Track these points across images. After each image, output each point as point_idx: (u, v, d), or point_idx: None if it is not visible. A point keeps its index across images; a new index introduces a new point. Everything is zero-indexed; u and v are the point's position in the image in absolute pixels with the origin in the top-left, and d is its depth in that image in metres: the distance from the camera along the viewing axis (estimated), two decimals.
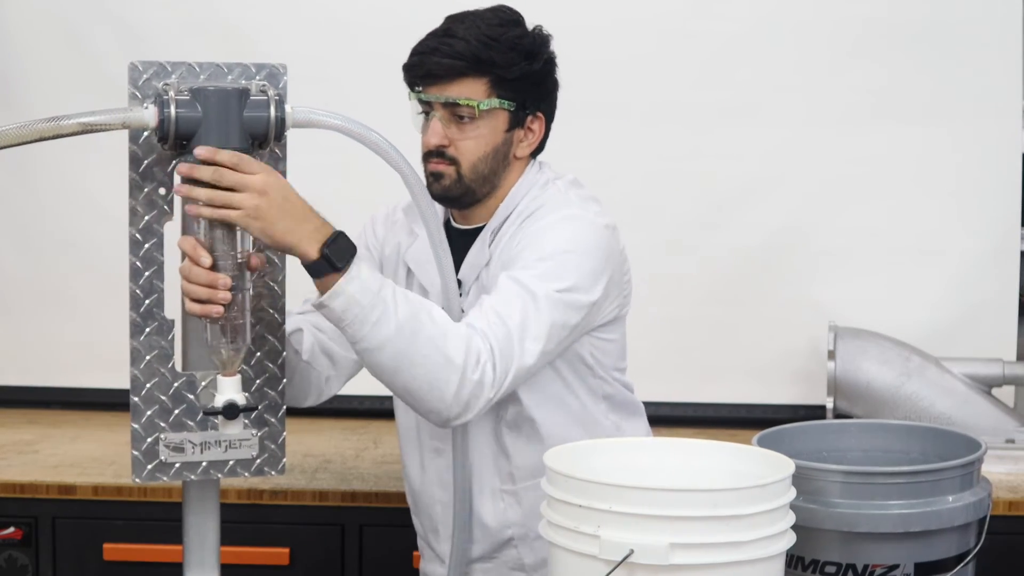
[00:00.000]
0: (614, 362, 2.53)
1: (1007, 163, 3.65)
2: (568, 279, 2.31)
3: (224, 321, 2.05)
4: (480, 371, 2.19)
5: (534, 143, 2.47)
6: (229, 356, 2.06)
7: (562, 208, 2.41)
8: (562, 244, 2.34)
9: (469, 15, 2.42)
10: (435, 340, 2.15)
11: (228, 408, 2.05)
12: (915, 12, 3.62)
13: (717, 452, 2.12)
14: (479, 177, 2.42)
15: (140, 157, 2.06)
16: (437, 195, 2.43)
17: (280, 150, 2.13)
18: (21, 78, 3.73)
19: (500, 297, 2.28)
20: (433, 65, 2.37)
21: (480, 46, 2.36)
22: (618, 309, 2.48)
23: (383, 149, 2.13)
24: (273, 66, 2.10)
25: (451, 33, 2.39)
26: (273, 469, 2.18)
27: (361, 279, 2.11)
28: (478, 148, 2.40)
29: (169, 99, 1.98)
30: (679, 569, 1.85)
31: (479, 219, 2.48)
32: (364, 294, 2.12)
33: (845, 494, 2.18)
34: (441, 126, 2.39)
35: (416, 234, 2.51)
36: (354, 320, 2.12)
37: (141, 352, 2.10)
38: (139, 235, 2.07)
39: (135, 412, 2.10)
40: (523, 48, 2.40)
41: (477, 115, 2.38)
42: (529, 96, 2.43)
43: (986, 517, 2.27)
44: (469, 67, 2.36)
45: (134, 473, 2.11)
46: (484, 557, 2.52)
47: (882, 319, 3.60)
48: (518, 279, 2.29)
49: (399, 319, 2.14)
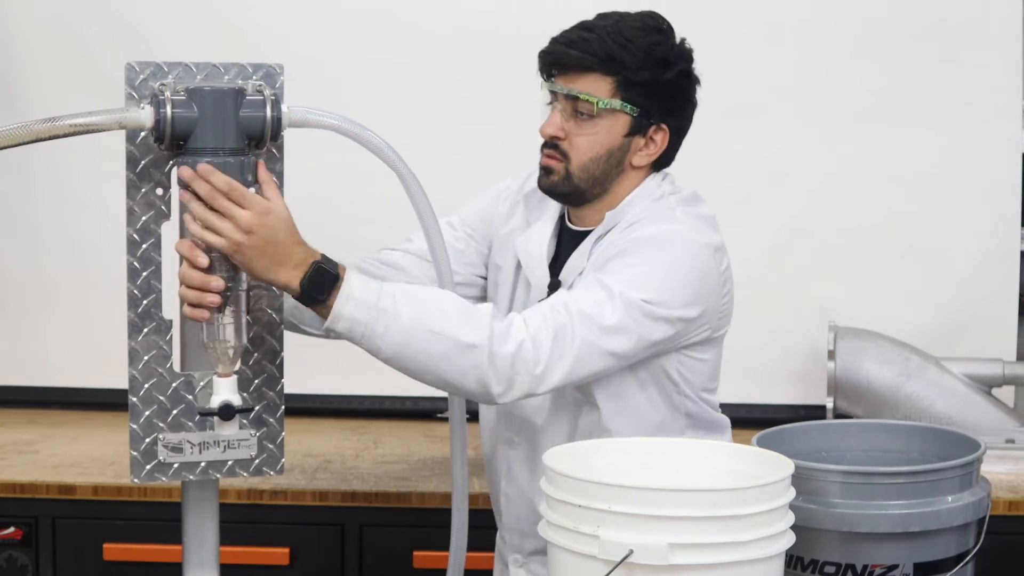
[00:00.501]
0: (703, 382, 2.48)
1: (1007, 163, 3.65)
2: (652, 290, 2.28)
3: (220, 320, 2.05)
4: (515, 345, 2.17)
5: (654, 154, 2.43)
6: (225, 356, 2.06)
7: (663, 222, 2.38)
8: (655, 255, 2.32)
9: (615, 15, 2.40)
10: (448, 331, 2.15)
11: (224, 409, 2.06)
12: (915, 12, 3.61)
13: (717, 452, 2.12)
14: (589, 177, 2.40)
15: (137, 157, 2.06)
16: (544, 188, 2.43)
17: (277, 150, 2.13)
18: (21, 78, 3.73)
19: (574, 291, 2.28)
20: (564, 55, 2.36)
21: (614, 45, 2.34)
22: (711, 331, 2.43)
23: (380, 149, 2.13)
24: (270, 66, 2.10)
25: (591, 27, 2.37)
26: (272, 469, 2.18)
27: (355, 298, 2.12)
28: (592, 147, 2.38)
29: (165, 99, 1.98)
30: (678, 569, 1.85)
31: (591, 222, 2.45)
32: (362, 310, 2.12)
33: (844, 494, 2.18)
34: (560, 118, 2.38)
35: (532, 226, 2.50)
36: (363, 337, 2.14)
37: (139, 352, 2.10)
38: (136, 235, 2.07)
39: (133, 412, 2.10)
40: (657, 55, 2.38)
41: (596, 113, 2.36)
42: (656, 105, 2.40)
43: (985, 517, 2.27)
44: (598, 63, 2.35)
45: (132, 473, 2.11)
46: (542, 551, 2.48)
47: (882, 319, 3.60)
48: (600, 279, 2.28)
49: (405, 324, 2.14)
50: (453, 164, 3.60)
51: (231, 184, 2.03)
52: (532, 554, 2.54)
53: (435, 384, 2.21)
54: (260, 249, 2.06)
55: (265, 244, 2.06)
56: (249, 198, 2.04)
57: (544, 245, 2.47)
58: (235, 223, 2.03)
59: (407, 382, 2.25)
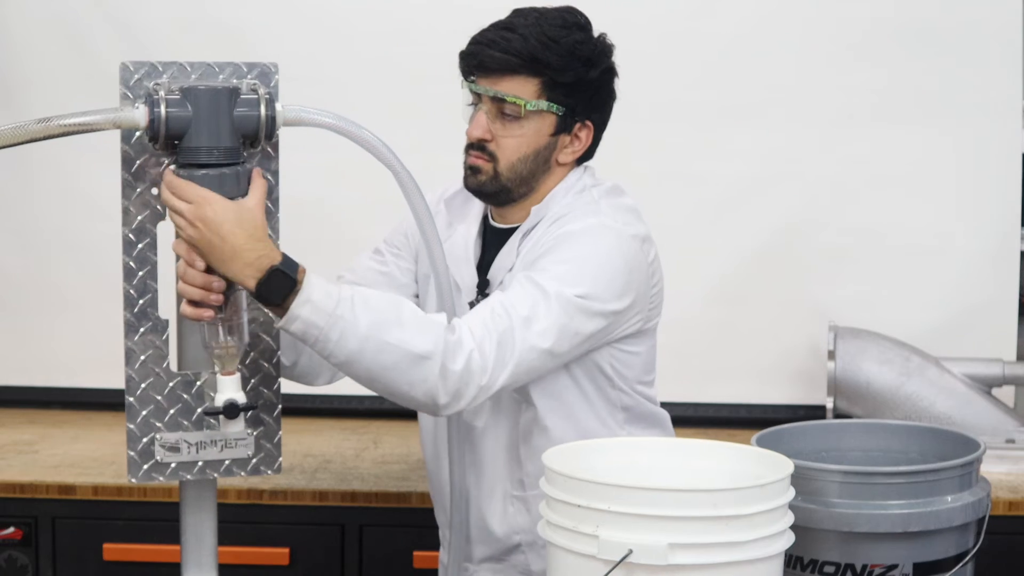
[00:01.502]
0: (637, 375, 2.47)
1: (1007, 163, 3.64)
2: (585, 285, 2.28)
3: (221, 320, 2.05)
4: (465, 359, 2.17)
5: (579, 151, 2.43)
6: (228, 355, 2.06)
7: (591, 215, 2.37)
8: (583, 251, 2.31)
9: (534, 12, 2.38)
10: (403, 342, 2.14)
11: (229, 407, 2.05)
12: (915, 12, 3.61)
13: (717, 452, 2.12)
14: (516, 177, 2.39)
15: (132, 157, 2.06)
16: (472, 188, 2.42)
17: (272, 149, 2.13)
18: (21, 78, 3.72)
19: (511, 291, 2.27)
20: (487, 57, 2.35)
21: (538, 45, 2.33)
22: (642, 323, 2.43)
23: (375, 147, 2.13)
24: (264, 65, 2.10)
25: (512, 27, 2.35)
26: (269, 468, 2.18)
27: (313, 302, 2.10)
28: (519, 148, 2.38)
29: (159, 99, 1.98)
30: (678, 569, 1.85)
31: (515, 219, 2.45)
32: (318, 315, 2.10)
33: (844, 494, 2.18)
34: (486, 120, 2.37)
35: (455, 228, 2.50)
36: (316, 341, 2.12)
37: (136, 352, 2.10)
38: (132, 235, 2.07)
39: (130, 412, 2.10)
40: (582, 54, 2.37)
41: (523, 114, 2.35)
42: (581, 103, 2.39)
43: (985, 517, 2.26)
44: (523, 65, 2.34)
45: (130, 473, 2.11)
46: (492, 558, 2.51)
47: (882, 319, 3.60)
48: (533, 278, 2.27)
49: (361, 332, 2.12)
50: (451, 164, 3.60)
51: (171, 180, 2.04)
52: (482, 561, 2.51)
53: (382, 393, 2.20)
54: (208, 241, 2.05)
55: (212, 235, 2.05)
56: (188, 191, 2.04)
57: (470, 246, 2.47)
58: (183, 217, 2.04)
59: None
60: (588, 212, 2.38)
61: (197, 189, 2.04)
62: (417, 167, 2.23)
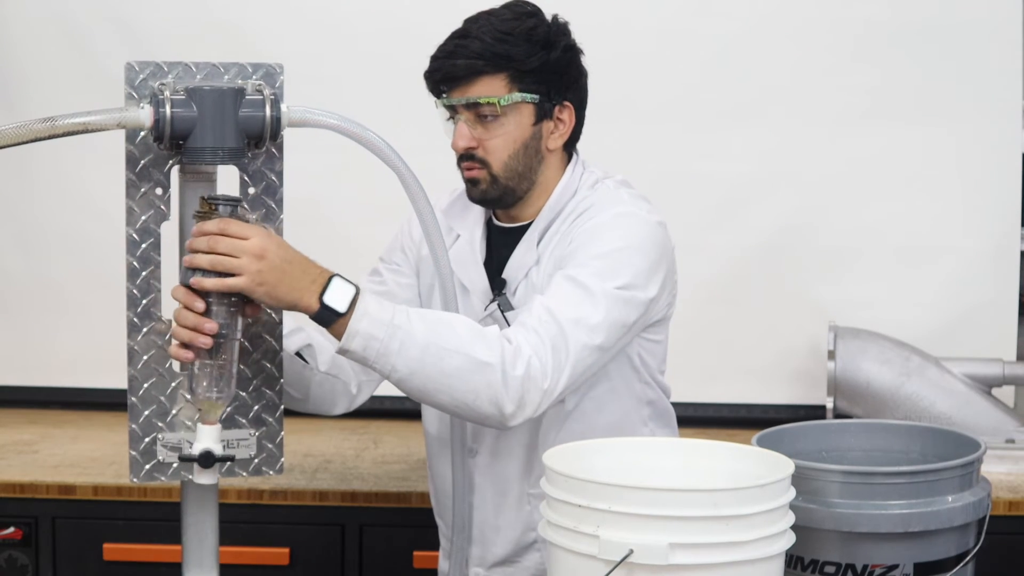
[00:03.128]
0: (658, 364, 2.51)
1: (1007, 163, 3.64)
2: (625, 276, 2.30)
3: (209, 366, 2.03)
4: (525, 365, 2.18)
5: (566, 133, 2.44)
6: (210, 405, 2.05)
7: (614, 206, 2.39)
8: (617, 241, 2.33)
9: (484, 15, 2.40)
10: (463, 349, 2.15)
11: (204, 456, 2.04)
12: (915, 12, 3.61)
13: (717, 452, 2.12)
14: (514, 175, 2.40)
15: (137, 157, 2.06)
16: (476, 199, 2.43)
17: (276, 150, 2.13)
18: (21, 78, 3.73)
19: (553, 294, 2.28)
20: (450, 68, 2.36)
21: (494, 42, 2.34)
22: (667, 307, 2.46)
23: (379, 148, 2.13)
24: (270, 65, 2.10)
25: (466, 34, 2.37)
26: (271, 469, 2.18)
27: (370, 315, 2.11)
28: (506, 146, 2.38)
29: (164, 99, 1.98)
30: (678, 569, 1.85)
31: (523, 217, 2.46)
32: (378, 327, 2.11)
33: (845, 494, 2.18)
34: (467, 128, 2.38)
35: (457, 234, 2.50)
36: (377, 356, 2.13)
37: (138, 352, 2.10)
38: (136, 235, 2.07)
39: (132, 412, 2.10)
40: (538, 38, 2.37)
41: (500, 112, 2.36)
42: (553, 86, 2.40)
43: (985, 517, 2.26)
44: (486, 65, 2.34)
45: (132, 473, 2.11)
46: (506, 560, 2.50)
47: (882, 319, 3.60)
48: (573, 277, 2.29)
49: (421, 341, 2.13)
50: (452, 164, 3.60)
51: (224, 222, 2.03)
52: (495, 565, 2.51)
53: (447, 405, 2.19)
54: (280, 269, 2.06)
55: (282, 262, 2.06)
56: (247, 227, 2.04)
57: (476, 249, 2.48)
58: (247, 254, 2.03)
59: None
60: (611, 202, 2.40)
61: (248, 224, 2.05)
62: (421, 168, 2.23)
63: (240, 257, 2.02)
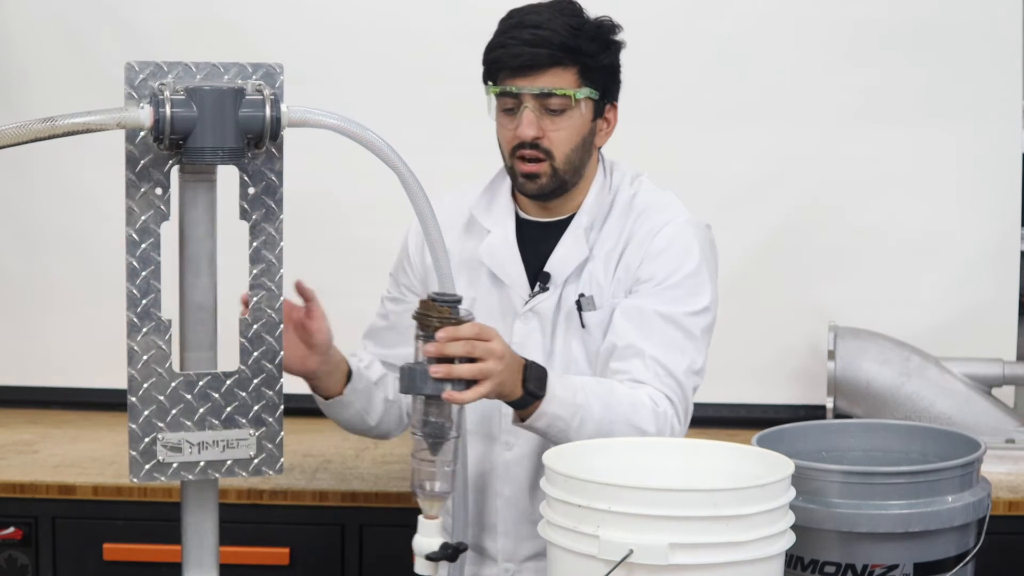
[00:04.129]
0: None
1: (1007, 163, 3.64)
2: (705, 294, 2.43)
3: (432, 463, 2.13)
4: (670, 430, 2.33)
5: (610, 132, 2.50)
6: (433, 499, 2.17)
7: (667, 209, 2.46)
8: (692, 262, 2.42)
9: (540, 7, 2.41)
10: (630, 420, 2.27)
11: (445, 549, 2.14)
12: (915, 12, 3.61)
13: (717, 452, 2.12)
14: (571, 168, 2.43)
15: (136, 157, 2.06)
16: (533, 194, 2.45)
17: (276, 150, 2.13)
18: (21, 78, 3.73)
19: (659, 342, 2.36)
20: (531, 56, 2.36)
21: (569, 36, 2.36)
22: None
23: (379, 148, 2.13)
24: (270, 66, 2.10)
25: (535, 24, 2.37)
26: (271, 469, 2.18)
27: (557, 397, 2.21)
28: (571, 139, 2.41)
29: (164, 99, 1.98)
30: (678, 569, 1.85)
31: (560, 211, 2.49)
32: (563, 408, 2.22)
33: (844, 494, 2.18)
34: (534, 116, 2.38)
35: (487, 229, 2.52)
36: (558, 433, 2.23)
37: (138, 352, 2.09)
38: (136, 235, 2.07)
39: (132, 412, 2.09)
40: (603, 37, 2.41)
41: (572, 105, 2.38)
42: (608, 85, 2.44)
43: (985, 517, 2.26)
44: (563, 56, 2.36)
45: (131, 473, 2.10)
46: (539, 555, 2.51)
47: (882, 319, 3.60)
48: (669, 317, 2.38)
49: (597, 417, 2.24)
50: (453, 164, 3.60)
51: (478, 327, 2.11)
52: (526, 560, 2.52)
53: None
54: (509, 367, 2.16)
55: (511, 359, 2.17)
56: (485, 328, 2.12)
57: (512, 244, 2.50)
58: (493, 356, 2.11)
59: None
60: (663, 205, 2.48)
61: (487, 326, 2.14)
62: (421, 168, 2.22)
63: (488, 360, 2.10)
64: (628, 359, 2.36)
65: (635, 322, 2.38)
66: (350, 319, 3.90)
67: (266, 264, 2.15)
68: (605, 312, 2.43)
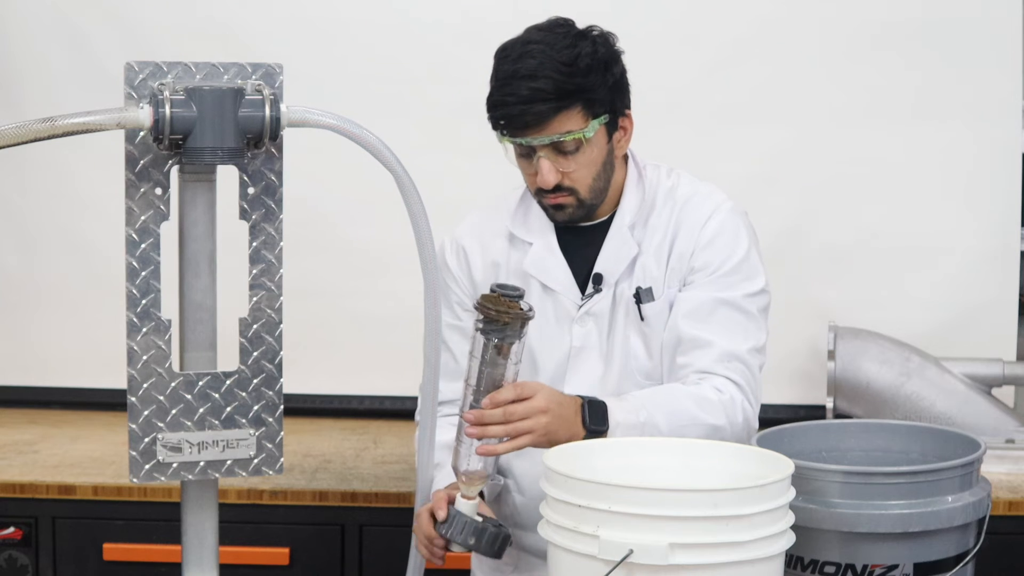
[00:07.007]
0: None
1: (1007, 163, 3.65)
2: (759, 276, 2.47)
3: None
4: (742, 413, 2.37)
5: (630, 137, 2.50)
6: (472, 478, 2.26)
7: (711, 197, 2.51)
8: (743, 247, 2.47)
9: (531, 47, 2.37)
10: (698, 420, 2.31)
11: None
12: (915, 12, 3.62)
13: (717, 452, 2.12)
14: (598, 193, 2.46)
15: (136, 157, 2.06)
16: (563, 222, 2.49)
17: (276, 150, 2.13)
18: (21, 78, 3.73)
19: (719, 329, 2.40)
20: (532, 116, 2.35)
21: (564, 78, 2.34)
22: None
23: (377, 149, 2.12)
24: (269, 66, 2.09)
25: (530, 74, 2.34)
26: (271, 469, 2.18)
27: (622, 424, 2.26)
28: (591, 171, 2.43)
29: (164, 99, 1.98)
30: (679, 569, 1.85)
31: (599, 215, 2.51)
32: (629, 431, 2.26)
33: (845, 494, 2.18)
34: (550, 163, 2.39)
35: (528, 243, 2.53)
36: None
37: (138, 352, 2.09)
38: (135, 235, 2.07)
39: (132, 412, 2.09)
40: (599, 61, 2.39)
41: (585, 142, 2.39)
42: (616, 101, 2.44)
43: (985, 517, 2.26)
44: (565, 101, 2.35)
45: (131, 473, 2.10)
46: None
47: (882, 319, 3.60)
48: (728, 301, 2.42)
49: (665, 429, 2.29)
50: (452, 164, 3.61)
51: (518, 387, 2.16)
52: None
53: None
54: (559, 416, 2.21)
55: (560, 408, 2.21)
56: (525, 386, 2.18)
57: (556, 251, 2.51)
58: (536, 412, 2.16)
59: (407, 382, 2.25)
60: (707, 192, 2.52)
61: (533, 383, 2.21)
62: (418, 169, 2.23)
63: (530, 418, 2.16)
64: (691, 352, 2.40)
65: (695, 314, 2.42)
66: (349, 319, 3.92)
67: (266, 264, 2.15)
68: (663, 302, 2.46)
